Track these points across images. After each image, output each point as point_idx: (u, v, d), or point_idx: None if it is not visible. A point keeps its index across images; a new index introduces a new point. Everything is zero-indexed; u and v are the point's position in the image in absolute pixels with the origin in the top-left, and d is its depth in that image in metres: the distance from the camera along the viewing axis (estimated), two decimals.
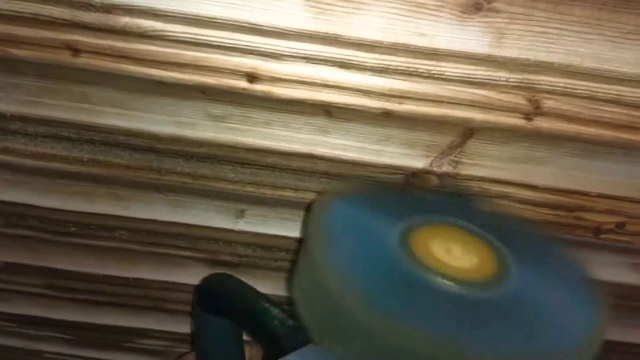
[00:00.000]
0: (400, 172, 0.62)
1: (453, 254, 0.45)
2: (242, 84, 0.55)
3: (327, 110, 0.57)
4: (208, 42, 0.52)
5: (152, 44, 0.53)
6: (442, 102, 0.54)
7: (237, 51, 0.53)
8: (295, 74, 0.53)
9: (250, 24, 0.50)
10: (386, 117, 0.55)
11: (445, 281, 0.41)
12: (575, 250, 0.52)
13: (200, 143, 0.62)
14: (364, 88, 0.54)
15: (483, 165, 0.60)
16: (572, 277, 0.47)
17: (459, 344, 0.37)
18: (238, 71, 0.54)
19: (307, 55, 0.52)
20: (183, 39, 0.52)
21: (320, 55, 0.52)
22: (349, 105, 0.55)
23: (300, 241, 0.68)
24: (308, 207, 0.64)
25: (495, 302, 0.41)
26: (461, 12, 0.48)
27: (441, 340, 0.37)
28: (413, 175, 0.61)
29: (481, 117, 0.55)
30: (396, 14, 0.49)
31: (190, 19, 0.51)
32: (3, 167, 0.66)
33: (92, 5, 0.50)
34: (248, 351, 0.64)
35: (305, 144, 0.61)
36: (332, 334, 0.41)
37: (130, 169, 0.64)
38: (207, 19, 0.50)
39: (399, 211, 0.49)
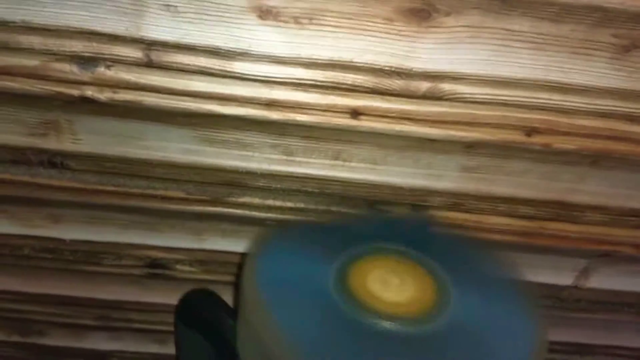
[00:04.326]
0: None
1: (390, 287, 0.44)
2: (520, 137, 0.54)
3: (596, 159, 0.56)
4: (499, 101, 0.51)
5: (440, 105, 0.52)
6: None
7: (524, 107, 0.52)
8: (582, 127, 0.53)
9: (554, 83, 0.50)
10: None
11: (379, 321, 0.40)
12: (517, 267, 0.50)
13: (440, 193, 0.61)
14: None
15: None
16: (514, 298, 0.46)
17: None
18: (520, 126, 0.53)
19: (599, 110, 0.52)
20: (478, 99, 0.51)
21: (613, 110, 0.52)
22: (628, 153, 0.54)
23: None
24: None
25: (432, 337, 0.40)
26: None
27: None
28: None
29: None
30: None
31: (491, 80, 0.50)
32: (225, 219, 0.65)
33: (398, 73, 0.49)
34: None
35: (558, 191, 0.60)
36: None
37: None
38: (509, 80, 0.50)
39: (336, 246, 0.48)
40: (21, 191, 0.60)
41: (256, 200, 0.64)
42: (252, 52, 0.48)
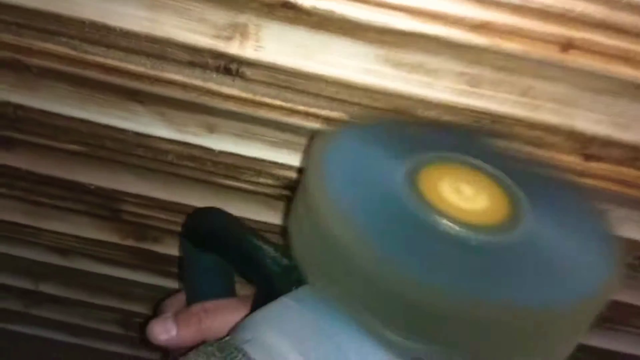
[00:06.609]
0: None
1: (463, 195, 0.40)
2: None
3: None
4: None
5: None
6: None
7: None
8: None
9: None
10: None
11: (454, 225, 0.37)
12: (592, 195, 0.47)
13: (621, 144, 0.57)
14: None
15: None
16: (589, 224, 0.42)
17: (468, 296, 0.32)
18: None
19: None
20: None
21: None
22: None
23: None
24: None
25: (508, 247, 0.36)
26: None
27: (450, 291, 0.32)
28: None
29: None
30: None
31: None
32: None
33: (632, 7, 0.44)
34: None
35: None
36: (329, 276, 0.37)
37: None
38: None
39: (407, 147, 0.44)
40: (188, 95, 0.59)
41: None
42: None
